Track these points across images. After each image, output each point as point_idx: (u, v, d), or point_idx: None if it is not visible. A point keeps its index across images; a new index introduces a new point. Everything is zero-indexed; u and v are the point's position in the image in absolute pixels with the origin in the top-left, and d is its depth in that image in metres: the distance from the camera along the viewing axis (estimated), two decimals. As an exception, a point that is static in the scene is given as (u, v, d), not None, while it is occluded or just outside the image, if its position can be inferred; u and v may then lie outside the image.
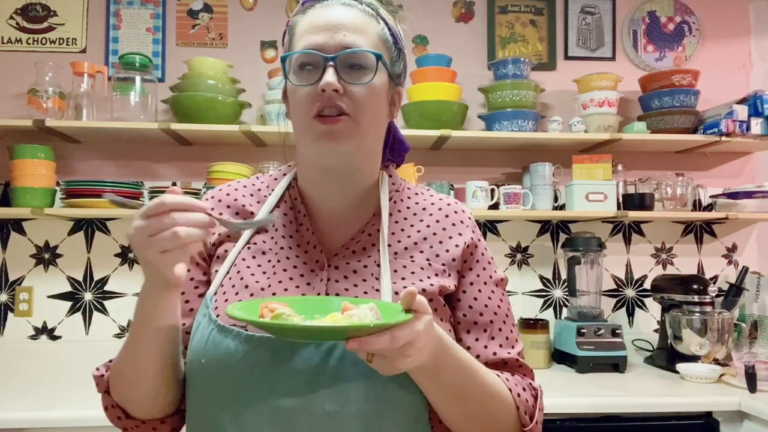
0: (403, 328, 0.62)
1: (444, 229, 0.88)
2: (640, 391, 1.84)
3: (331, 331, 0.63)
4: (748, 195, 2.29)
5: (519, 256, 2.43)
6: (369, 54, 0.80)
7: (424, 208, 0.91)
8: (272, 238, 0.87)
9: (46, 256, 2.27)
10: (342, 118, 0.79)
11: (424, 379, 0.73)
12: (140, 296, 0.75)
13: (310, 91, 0.79)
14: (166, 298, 0.74)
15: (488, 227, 2.43)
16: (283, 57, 0.83)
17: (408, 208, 0.90)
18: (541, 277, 2.44)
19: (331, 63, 0.78)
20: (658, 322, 2.38)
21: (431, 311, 0.66)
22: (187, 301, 0.86)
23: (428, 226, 0.88)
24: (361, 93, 0.80)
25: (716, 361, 2.07)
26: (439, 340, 0.70)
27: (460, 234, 0.88)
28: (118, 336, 2.26)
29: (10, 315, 2.24)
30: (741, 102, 2.26)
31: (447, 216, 0.90)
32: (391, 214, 0.88)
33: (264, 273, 0.83)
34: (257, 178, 0.96)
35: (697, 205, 2.38)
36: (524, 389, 0.83)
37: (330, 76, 0.77)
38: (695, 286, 2.08)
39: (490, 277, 0.89)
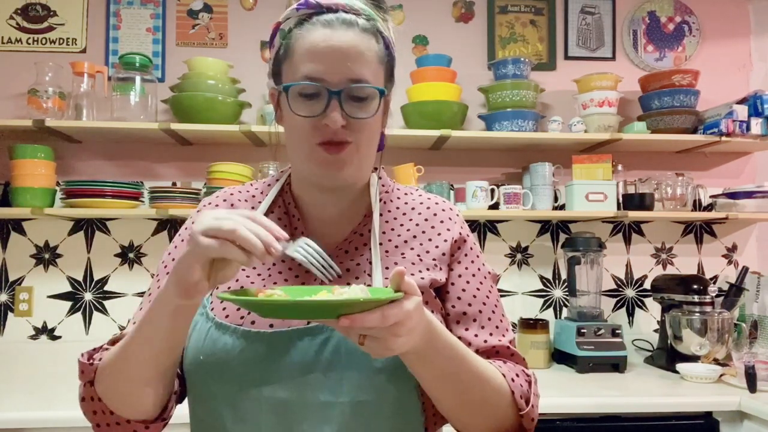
0: (394, 306, 0.62)
1: (433, 226, 0.91)
2: (640, 391, 1.84)
3: (322, 307, 0.61)
4: (748, 195, 2.29)
5: (519, 256, 2.43)
6: (373, 89, 0.81)
7: (413, 208, 0.93)
8: None
9: (46, 256, 2.27)
10: (345, 145, 0.80)
11: (417, 364, 0.74)
12: (155, 303, 0.73)
13: (313, 120, 0.80)
14: (179, 313, 0.72)
15: (488, 227, 2.43)
16: (285, 87, 0.81)
17: (397, 208, 0.93)
18: (541, 277, 2.44)
19: (336, 97, 0.79)
20: (658, 322, 2.38)
21: (420, 293, 0.66)
22: None
23: (417, 224, 0.91)
24: (364, 124, 0.81)
25: (716, 361, 2.07)
26: (429, 324, 0.71)
27: (448, 230, 0.91)
28: (118, 336, 2.26)
29: (10, 315, 2.24)
30: (741, 102, 2.26)
31: (435, 214, 0.92)
32: (381, 214, 0.91)
33: (259, 275, 0.85)
34: (251, 184, 0.98)
35: (697, 205, 2.38)
36: (518, 375, 0.84)
37: (335, 112, 0.78)
38: (695, 286, 2.08)
39: (479, 269, 0.91)
